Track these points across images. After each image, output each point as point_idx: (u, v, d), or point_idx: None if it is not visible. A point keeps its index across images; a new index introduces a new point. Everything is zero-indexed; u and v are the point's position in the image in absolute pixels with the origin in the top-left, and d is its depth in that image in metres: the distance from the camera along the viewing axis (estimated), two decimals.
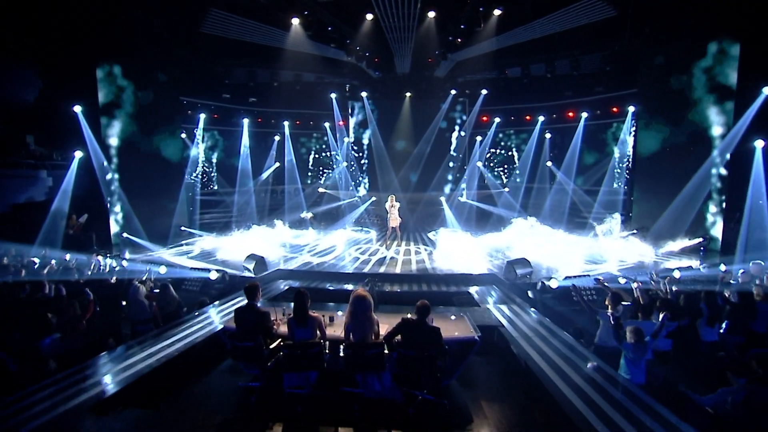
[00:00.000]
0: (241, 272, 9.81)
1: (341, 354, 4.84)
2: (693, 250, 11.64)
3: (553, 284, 8.18)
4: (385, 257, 11.58)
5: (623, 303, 6.07)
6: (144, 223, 13.60)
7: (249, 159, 18.32)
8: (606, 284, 6.62)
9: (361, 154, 20.28)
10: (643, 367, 5.09)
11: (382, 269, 10.41)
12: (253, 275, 9.60)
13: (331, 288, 9.32)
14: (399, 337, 4.64)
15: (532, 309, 7.77)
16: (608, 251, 11.81)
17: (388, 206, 12.75)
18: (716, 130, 11.74)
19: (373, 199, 19.41)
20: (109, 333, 6.49)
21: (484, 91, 18.56)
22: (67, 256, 9.99)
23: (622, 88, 16.08)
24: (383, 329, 4.90)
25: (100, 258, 9.88)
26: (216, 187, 18.14)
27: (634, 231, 13.33)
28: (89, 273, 8.78)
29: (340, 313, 5.81)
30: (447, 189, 19.75)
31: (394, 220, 12.70)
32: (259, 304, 5.06)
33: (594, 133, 17.56)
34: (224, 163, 18.75)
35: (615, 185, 15.91)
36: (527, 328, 6.89)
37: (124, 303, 7.34)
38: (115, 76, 12.95)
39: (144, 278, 7.24)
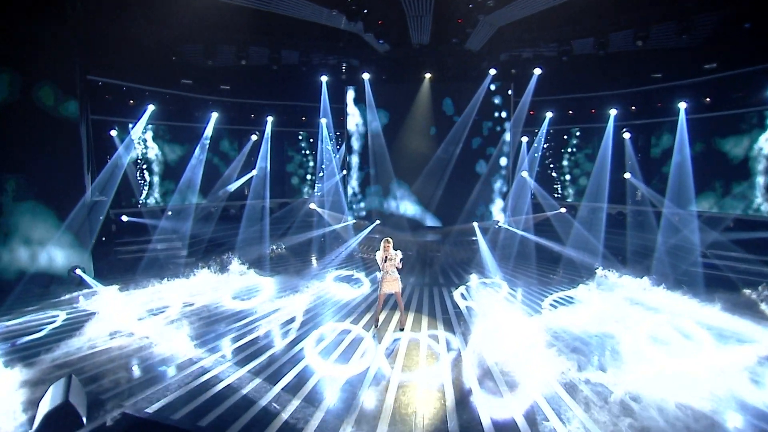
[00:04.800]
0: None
1: None
2: None
3: None
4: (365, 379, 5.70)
5: None
6: None
7: (202, 166, 13.14)
8: None
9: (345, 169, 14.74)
10: None
11: None
12: None
13: None
14: None
15: None
16: None
17: (380, 258, 7.12)
18: None
19: (377, 222, 13.94)
20: None
21: (537, 71, 12.82)
22: None
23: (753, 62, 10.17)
24: None
25: None
26: (145, 202, 12.77)
27: None
28: None
29: None
30: (494, 211, 14.03)
31: (391, 282, 7.08)
32: None
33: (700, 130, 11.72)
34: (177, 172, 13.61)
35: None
36: None
37: None
38: None
39: None
